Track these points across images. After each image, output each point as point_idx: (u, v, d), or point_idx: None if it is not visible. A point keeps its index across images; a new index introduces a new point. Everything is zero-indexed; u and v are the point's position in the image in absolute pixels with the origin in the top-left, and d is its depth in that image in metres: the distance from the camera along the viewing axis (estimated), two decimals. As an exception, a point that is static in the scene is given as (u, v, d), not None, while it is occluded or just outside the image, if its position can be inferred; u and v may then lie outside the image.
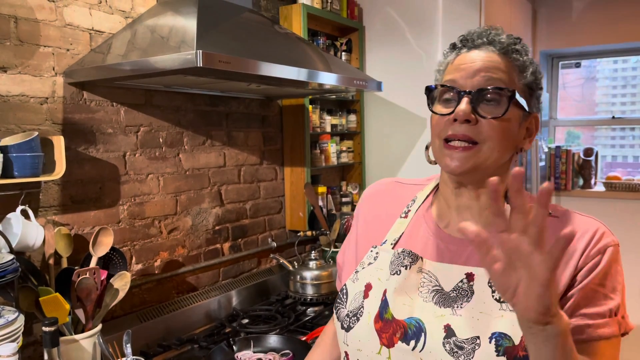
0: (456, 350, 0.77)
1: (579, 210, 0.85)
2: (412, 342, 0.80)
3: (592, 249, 0.78)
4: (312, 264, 2.07)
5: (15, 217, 1.33)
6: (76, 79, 1.50)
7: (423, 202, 0.95)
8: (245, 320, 1.84)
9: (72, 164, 1.50)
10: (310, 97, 2.29)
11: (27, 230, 1.32)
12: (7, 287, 1.25)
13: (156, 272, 1.78)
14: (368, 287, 0.88)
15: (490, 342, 0.76)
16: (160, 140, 1.78)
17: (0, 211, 1.33)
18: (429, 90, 0.87)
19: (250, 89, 1.87)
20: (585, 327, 0.76)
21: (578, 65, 3.67)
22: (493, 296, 0.79)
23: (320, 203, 2.37)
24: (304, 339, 1.63)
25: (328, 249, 2.22)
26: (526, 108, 0.83)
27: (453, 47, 0.88)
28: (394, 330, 0.82)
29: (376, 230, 0.97)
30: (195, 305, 1.83)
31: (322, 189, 2.42)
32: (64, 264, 1.44)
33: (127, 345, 1.38)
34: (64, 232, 1.45)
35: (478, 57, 0.83)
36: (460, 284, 0.82)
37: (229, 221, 2.08)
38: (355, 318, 0.87)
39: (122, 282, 1.43)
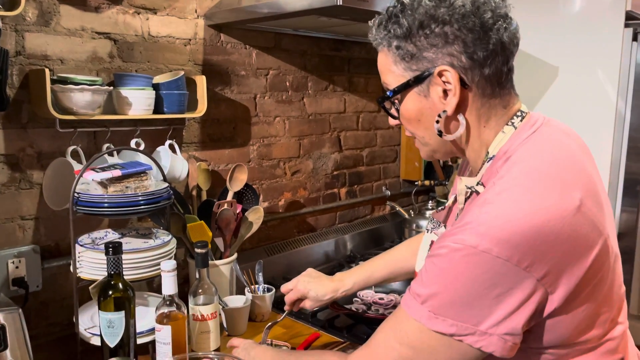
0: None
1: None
2: None
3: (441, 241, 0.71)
4: (428, 213, 2.05)
5: (164, 150, 1.45)
6: (215, 21, 1.56)
7: None
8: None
9: (209, 104, 1.57)
10: (432, 42, 2.20)
11: (175, 162, 1.44)
12: (158, 213, 1.38)
13: (280, 210, 1.86)
14: None
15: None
16: (287, 84, 1.82)
17: (151, 144, 1.46)
18: None
19: (376, 32, 1.83)
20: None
21: None
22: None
23: (437, 154, 2.32)
24: (423, 284, 1.64)
25: (445, 200, 2.17)
26: (412, 80, 0.76)
27: None
28: None
29: None
30: (314, 244, 1.91)
31: (438, 140, 2.35)
32: (204, 197, 1.55)
33: (259, 274, 1.48)
34: (203, 167, 1.55)
35: None
36: None
37: (347, 167, 2.10)
38: None
39: (255, 216, 1.52)
